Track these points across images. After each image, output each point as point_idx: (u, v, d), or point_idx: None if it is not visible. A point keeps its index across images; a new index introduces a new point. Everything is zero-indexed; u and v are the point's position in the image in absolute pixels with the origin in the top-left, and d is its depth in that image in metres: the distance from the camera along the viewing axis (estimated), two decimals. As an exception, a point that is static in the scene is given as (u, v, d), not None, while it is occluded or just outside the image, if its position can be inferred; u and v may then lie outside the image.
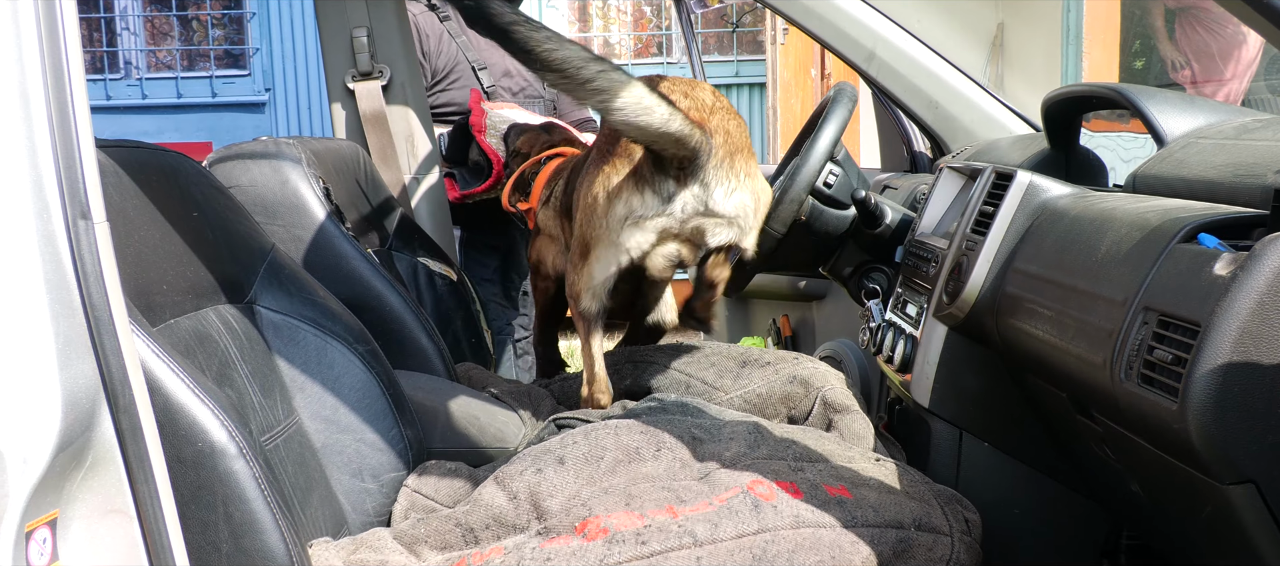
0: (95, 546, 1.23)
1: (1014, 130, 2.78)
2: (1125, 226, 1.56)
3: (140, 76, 10.22)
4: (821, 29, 2.85)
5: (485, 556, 1.62)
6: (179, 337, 1.61)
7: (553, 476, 1.73)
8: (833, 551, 1.58)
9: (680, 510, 1.61)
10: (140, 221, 1.64)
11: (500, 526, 1.70)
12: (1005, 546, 2.05)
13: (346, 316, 2.00)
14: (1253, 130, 1.76)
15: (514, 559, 1.57)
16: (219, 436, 1.41)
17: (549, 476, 1.73)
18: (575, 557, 1.54)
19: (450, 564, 1.64)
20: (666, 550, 1.54)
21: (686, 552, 1.54)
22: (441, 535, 1.71)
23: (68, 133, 1.19)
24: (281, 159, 2.52)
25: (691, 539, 1.56)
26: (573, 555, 1.54)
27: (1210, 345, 1.26)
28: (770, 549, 1.56)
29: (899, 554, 1.64)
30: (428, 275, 3.03)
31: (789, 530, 1.59)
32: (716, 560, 1.54)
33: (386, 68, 3.40)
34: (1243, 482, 1.29)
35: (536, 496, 1.71)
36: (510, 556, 1.58)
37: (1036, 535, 2.05)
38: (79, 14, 1.25)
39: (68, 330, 1.19)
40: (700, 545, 1.55)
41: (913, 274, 2.24)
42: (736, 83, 10.54)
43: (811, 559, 1.57)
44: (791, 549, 1.57)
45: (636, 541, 1.55)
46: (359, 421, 1.94)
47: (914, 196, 2.61)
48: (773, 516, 1.60)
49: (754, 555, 1.55)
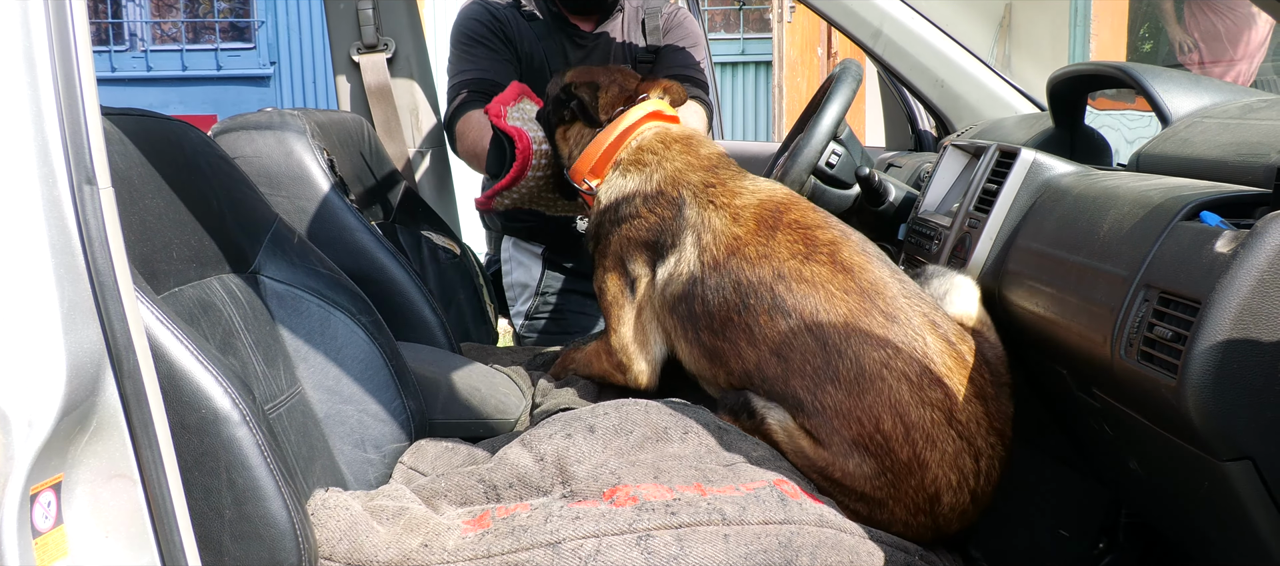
0: (99, 510, 1.24)
1: (1019, 109, 2.78)
2: (1128, 204, 1.56)
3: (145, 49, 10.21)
4: (828, 6, 2.84)
5: (511, 511, 1.62)
6: (183, 305, 1.62)
7: (582, 443, 1.73)
8: (852, 556, 1.60)
9: (708, 489, 1.62)
10: (145, 189, 1.64)
11: (524, 486, 1.70)
12: (1004, 523, 2.06)
13: (350, 287, 2.01)
14: (1257, 110, 1.76)
15: (541, 515, 1.57)
16: (223, 403, 1.42)
17: (578, 442, 1.73)
18: (604, 519, 1.54)
19: (473, 516, 1.64)
20: (696, 523, 1.55)
21: (714, 528, 1.55)
22: (463, 490, 1.71)
23: (73, 98, 1.20)
24: (286, 130, 2.53)
25: (721, 516, 1.56)
26: (602, 517, 1.55)
27: (1210, 322, 1.26)
28: (795, 540, 1.57)
29: None
30: (431, 248, 3.03)
31: (814, 527, 1.60)
32: (743, 540, 1.54)
33: (391, 40, 3.40)
34: (1240, 459, 1.30)
35: (563, 461, 1.71)
36: (537, 513, 1.59)
37: (1036, 512, 2.06)
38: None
39: (73, 295, 1.19)
40: (728, 524, 1.56)
41: (916, 251, 2.24)
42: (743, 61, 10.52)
43: (833, 558, 1.58)
44: (815, 544, 1.58)
45: (666, 511, 1.56)
46: (361, 392, 1.94)
47: (918, 174, 2.61)
48: (799, 511, 1.61)
49: (780, 542, 1.56)
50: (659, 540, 1.52)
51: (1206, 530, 1.55)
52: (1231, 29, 5.84)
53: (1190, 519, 1.60)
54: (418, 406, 2.03)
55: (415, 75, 3.46)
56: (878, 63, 2.94)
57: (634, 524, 1.54)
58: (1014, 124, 2.54)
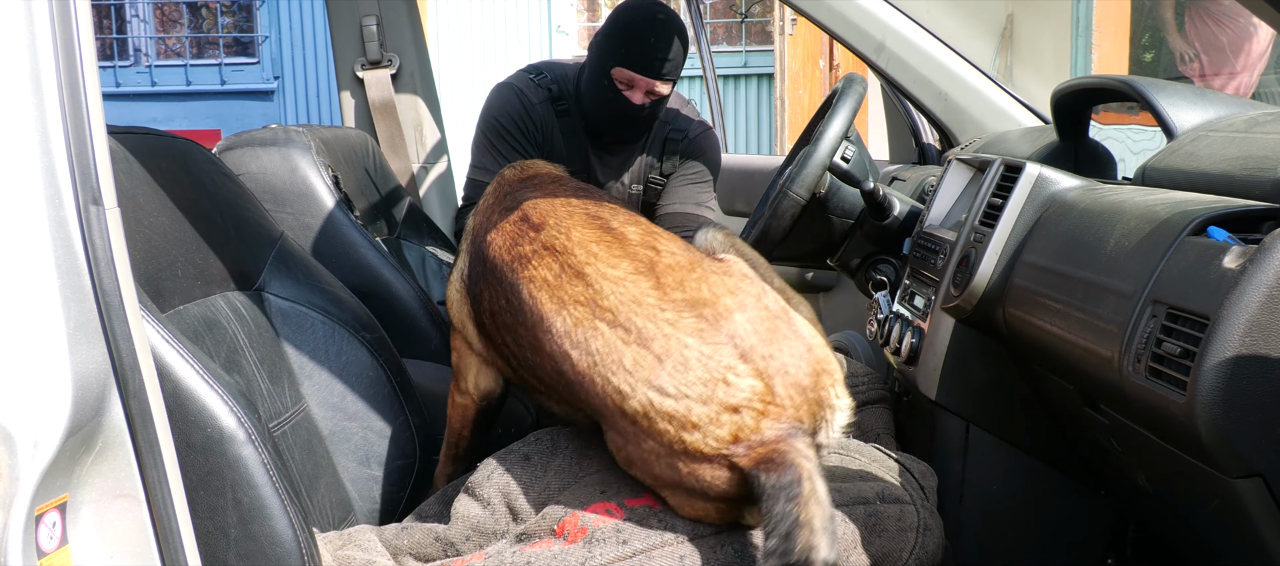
0: (104, 530, 1.24)
1: (1023, 122, 2.77)
2: (1134, 219, 1.56)
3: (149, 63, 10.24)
4: (831, 20, 2.84)
5: (467, 562, 1.62)
6: (188, 324, 1.62)
7: (522, 473, 1.72)
8: None
9: (658, 501, 1.62)
10: (150, 208, 1.64)
11: (480, 534, 1.70)
12: (1011, 539, 2.06)
13: (354, 304, 2.01)
14: (1263, 124, 1.75)
15: (494, 563, 1.57)
16: (228, 422, 1.42)
17: (518, 474, 1.72)
18: (557, 561, 1.53)
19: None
20: (649, 549, 1.54)
21: (669, 550, 1.54)
22: (422, 547, 1.72)
23: (80, 119, 1.20)
24: (291, 147, 2.53)
25: (673, 534, 1.56)
26: (554, 559, 1.54)
27: (1219, 338, 1.26)
28: (752, 542, 1.57)
29: (871, 528, 1.67)
30: (436, 264, 3.03)
31: None
32: (699, 557, 1.54)
33: (396, 56, 3.40)
34: (1250, 476, 1.29)
35: (509, 496, 1.70)
36: (490, 561, 1.59)
37: (1043, 528, 2.05)
38: (90, 1, 1.25)
39: (78, 315, 1.19)
40: (682, 542, 1.55)
41: (920, 266, 2.24)
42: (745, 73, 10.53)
43: None
44: None
45: (617, 539, 1.54)
46: (366, 409, 1.94)
47: (922, 188, 2.61)
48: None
49: (737, 551, 1.56)
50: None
51: (1215, 547, 1.54)
52: (1233, 40, 5.84)
53: (1199, 535, 1.59)
54: (423, 422, 2.03)
55: (419, 91, 3.47)
56: (881, 76, 2.94)
57: (587, 562, 1.52)
58: (1018, 137, 2.54)
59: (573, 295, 1.65)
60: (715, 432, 1.52)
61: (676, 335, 1.56)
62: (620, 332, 1.58)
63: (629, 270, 1.66)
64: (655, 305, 1.60)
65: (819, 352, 1.65)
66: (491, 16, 10.02)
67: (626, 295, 1.61)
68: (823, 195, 2.42)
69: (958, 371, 2.04)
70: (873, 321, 2.39)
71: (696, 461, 1.54)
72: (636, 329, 1.58)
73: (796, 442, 1.52)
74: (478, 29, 10.03)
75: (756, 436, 1.52)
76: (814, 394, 1.60)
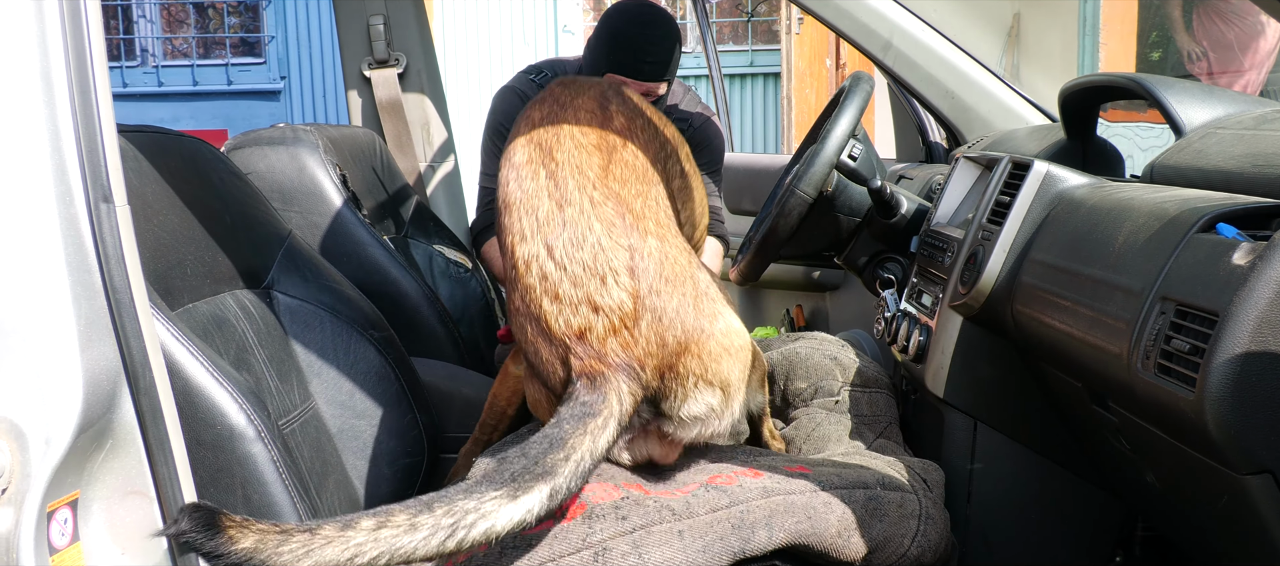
0: (115, 527, 1.24)
1: (1030, 120, 2.77)
2: (1143, 216, 1.56)
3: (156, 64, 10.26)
4: (837, 18, 2.84)
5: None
6: (197, 322, 1.63)
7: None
8: (808, 512, 1.61)
9: (651, 489, 1.63)
10: (160, 206, 1.65)
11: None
12: (1019, 537, 2.06)
13: (362, 302, 2.01)
14: (1272, 121, 1.75)
15: (496, 547, 1.58)
16: (238, 419, 1.43)
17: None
18: (557, 540, 1.53)
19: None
20: (648, 525, 1.55)
21: (667, 527, 1.54)
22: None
23: (90, 117, 1.20)
24: (298, 145, 2.53)
25: (670, 513, 1.56)
26: (554, 539, 1.54)
27: (1228, 335, 1.25)
28: (747, 517, 1.58)
29: (872, 512, 1.68)
30: (444, 263, 3.04)
31: (760, 500, 1.61)
32: (697, 533, 1.54)
33: (403, 55, 3.41)
34: (1259, 472, 1.29)
35: None
36: (492, 545, 1.59)
37: (1051, 526, 2.05)
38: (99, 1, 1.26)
39: (89, 312, 1.20)
40: (679, 519, 1.56)
41: (928, 264, 2.24)
42: (751, 72, 10.53)
43: (790, 521, 1.59)
44: (768, 514, 1.59)
45: (616, 516, 1.55)
46: (374, 406, 1.95)
47: (929, 186, 2.61)
48: (740, 492, 1.62)
49: (732, 524, 1.57)
50: (615, 551, 1.51)
51: (1224, 544, 1.54)
52: (1241, 37, 5.83)
53: (1207, 533, 1.59)
54: (431, 420, 2.03)
55: (426, 90, 3.47)
56: (888, 74, 2.94)
57: (587, 538, 1.52)
58: (1025, 135, 2.53)
59: (538, 140, 1.71)
60: (569, 317, 1.55)
61: (590, 213, 1.60)
62: (550, 185, 1.63)
63: (591, 142, 1.71)
64: (592, 180, 1.65)
65: (703, 336, 1.64)
66: (497, 15, 10.03)
67: (575, 160, 1.67)
68: (830, 193, 2.42)
69: (965, 369, 2.04)
70: (880, 320, 2.39)
71: (543, 339, 1.58)
72: (565, 191, 1.63)
73: (624, 381, 1.54)
74: (484, 28, 10.04)
75: (598, 348, 1.55)
76: (671, 358, 1.61)
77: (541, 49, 9.96)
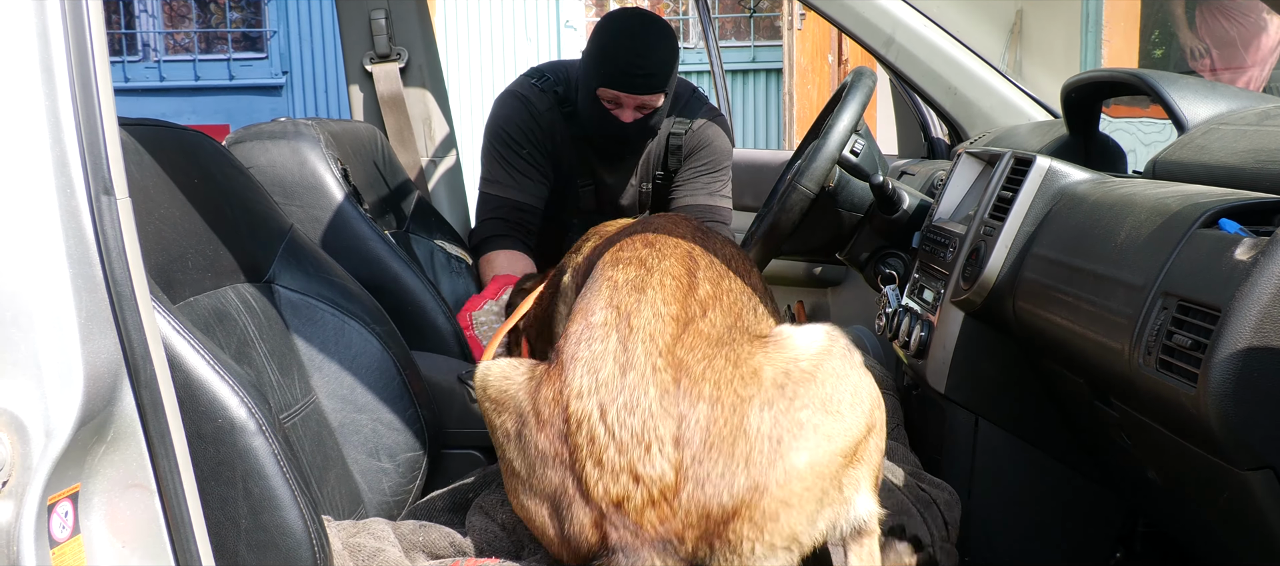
0: (116, 520, 1.24)
1: (1033, 116, 2.77)
2: (1145, 212, 1.55)
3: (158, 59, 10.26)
4: (840, 14, 2.83)
5: (481, 562, 1.63)
6: (199, 315, 1.63)
7: None
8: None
9: None
10: (161, 199, 1.65)
11: (494, 550, 1.71)
12: (1020, 533, 2.06)
13: (364, 297, 2.01)
14: (1274, 116, 1.75)
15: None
16: (239, 413, 1.42)
17: None
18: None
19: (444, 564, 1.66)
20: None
21: None
22: (436, 545, 1.72)
23: (91, 109, 1.20)
24: (300, 140, 2.53)
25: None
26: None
27: (1230, 330, 1.25)
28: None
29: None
30: (445, 258, 3.04)
31: None
32: None
33: (404, 50, 3.41)
34: (1261, 468, 1.29)
35: (518, 527, 1.70)
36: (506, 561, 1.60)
37: (1052, 521, 2.05)
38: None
39: (90, 305, 1.19)
40: None
41: (930, 259, 2.24)
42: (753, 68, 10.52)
43: None
44: None
45: None
46: (376, 401, 1.95)
47: (931, 182, 2.61)
48: None
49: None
50: None
51: (1225, 539, 1.54)
52: (1244, 34, 5.83)
53: (1208, 528, 1.59)
54: (432, 415, 2.03)
55: (428, 84, 3.47)
56: (890, 70, 2.93)
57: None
58: (1028, 131, 2.53)
59: (619, 304, 1.64)
60: (609, 484, 1.48)
61: (649, 379, 1.53)
62: (618, 349, 1.57)
63: (670, 313, 1.64)
64: (660, 348, 1.57)
65: (757, 494, 1.52)
66: (499, 10, 10.02)
67: (650, 328, 1.60)
68: (832, 189, 2.42)
69: (967, 365, 2.04)
70: (882, 315, 2.39)
71: (581, 499, 1.51)
72: (632, 356, 1.56)
73: (656, 557, 1.48)
74: (486, 23, 10.03)
75: (635, 520, 1.48)
76: (717, 527, 1.51)
77: (543, 44, 9.96)
